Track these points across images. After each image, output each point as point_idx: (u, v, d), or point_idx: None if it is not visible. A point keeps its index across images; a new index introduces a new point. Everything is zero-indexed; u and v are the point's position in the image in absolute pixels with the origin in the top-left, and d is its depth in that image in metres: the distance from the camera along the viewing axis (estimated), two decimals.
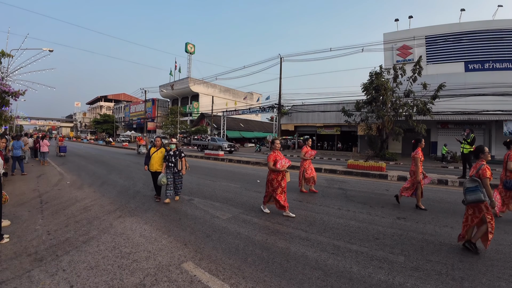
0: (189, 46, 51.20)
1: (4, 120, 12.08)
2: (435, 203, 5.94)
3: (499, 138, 20.10)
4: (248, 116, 46.00)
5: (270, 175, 4.78)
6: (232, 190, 7.02)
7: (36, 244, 3.41)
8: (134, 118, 59.67)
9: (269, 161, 4.73)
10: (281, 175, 4.72)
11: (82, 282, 2.54)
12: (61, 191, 6.73)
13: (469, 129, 8.72)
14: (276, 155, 4.80)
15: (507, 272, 2.82)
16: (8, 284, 2.48)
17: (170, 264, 2.94)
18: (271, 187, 4.75)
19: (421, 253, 3.28)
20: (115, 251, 3.23)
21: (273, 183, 4.72)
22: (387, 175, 9.76)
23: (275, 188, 4.70)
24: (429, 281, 2.63)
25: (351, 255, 3.20)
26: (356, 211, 5.17)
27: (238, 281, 2.60)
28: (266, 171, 11.45)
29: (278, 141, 4.98)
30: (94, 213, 4.80)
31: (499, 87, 17.90)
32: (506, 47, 20.42)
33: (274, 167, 4.63)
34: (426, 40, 23.21)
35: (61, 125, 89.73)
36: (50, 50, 12.16)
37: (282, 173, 4.72)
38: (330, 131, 28.49)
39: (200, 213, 4.91)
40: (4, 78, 10.52)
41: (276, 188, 4.70)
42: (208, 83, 49.78)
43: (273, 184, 4.72)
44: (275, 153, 4.83)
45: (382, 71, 19.29)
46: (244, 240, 3.65)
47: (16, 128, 46.55)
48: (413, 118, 17.79)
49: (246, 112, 34.81)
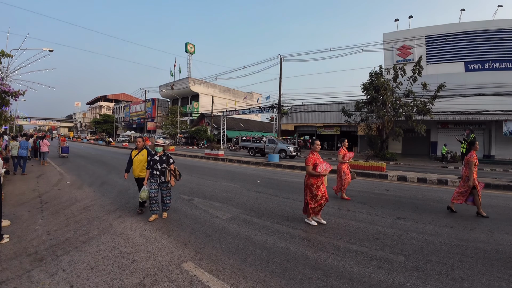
0: (189, 46, 51.21)
1: (4, 120, 12.09)
2: (435, 203, 5.93)
3: (499, 138, 20.13)
4: (248, 116, 46.01)
5: (309, 180, 4.27)
6: (232, 190, 7.02)
7: (36, 244, 3.41)
8: (134, 118, 59.68)
9: (308, 165, 4.23)
10: (320, 180, 4.29)
11: (82, 282, 2.54)
12: (61, 191, 6.73)
13: (469, 129, 8.71)
14: (316, 157, 4.30)
15: (507, 272, 2.82)
16: (8, 284, 2.48)
17: (170, 264, 2.94)
18: (310, 194, 4.27)
19: (421, 253, 3.28)
20: (115, 251, 3.23)
21: (312, 189, 4.24)
22: (387, 175, 9.76)
23: (315, 195, 4.24)
24: (429, 281, 2.63)
25: (351, 255, 3.20)
26: (356, 211, 5.17)
27: (238, 281, 2.60)
28: (266, 171, 11.52)
29: (319, 142, 4.50)
30: (94, 213, 4.80)
31: (499, 87, 17.91)
32: (506, 47, 20.43)
33: (314, 171, 4.17)
34: (426, 40, 23.21)
35: (60, 125, 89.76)
36: (50, 50, 12.17)
37: (321, 177, 4.29)
38: (330, 131, 28.51)
39: (200, 213, 4.91)
40: (4, 78, 10.52)
41: (317, 196, 4.24)
42: (208, 83, 49.78)
43: (312, 191, 4.25)
44: (315, 155, 4.32)
45: (382, 71, 19.30)
46: (244, 240, 3.65)
47: (16, 128, 46.54)
48: (413, 118, 17.79)
49: (246, 112, 34.84)
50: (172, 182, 4.53)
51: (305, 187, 4.39)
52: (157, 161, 4.47)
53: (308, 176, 4.32)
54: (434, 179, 8.87)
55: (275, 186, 7.76)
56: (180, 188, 7.20)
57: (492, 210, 5.34)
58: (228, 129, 38.03)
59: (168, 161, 4.54)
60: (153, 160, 4.49)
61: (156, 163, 4.45)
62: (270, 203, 5.76)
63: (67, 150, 16.58)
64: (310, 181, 4.26)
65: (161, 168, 4.44)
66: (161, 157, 4.51)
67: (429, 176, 9.47)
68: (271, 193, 6.80)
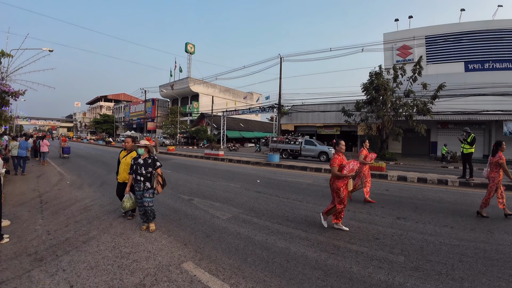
0: (189, 46, 51.20)
1: (4, 120, 12.09)
2: (435, 203, 5.93)
3: (499, 138, 20.00)
4: (248, 116, 46.03)
5: (336, 183, 4.04)
6: (232, 190, 7.02)
7: (36, 244, 3.41)
8: (134, 118, 59.66)
9: (334, 166, 3.99)
10: (345, 182, 4.09)
11: (82, 282, 2.54)
12: (61, 191, 6.73)
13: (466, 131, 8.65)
14: (341, 158, 4.09)
15: (507, 272, 2.82)
16: (8, 284, 2.48)
17: (170, 264, 2.94)
18: (339, 198, 4.03)
19: (421, 253, 3.28)
20: (115, 251, 3.23)
21: (339, 193, 4.02)
22: (387, 175, 9.76)
23: (343, 199, 4.03)
24: (429, 281, 2.63)
25: (351, 255, 3.20)
26: (356, 211, 5.17)
27: (238, 281, 2.60)
28: (266, 171, 11.52)
29: (344, 142, 4.27)
30: (94, 213, 4.80)
31: (499, 87, 17.90)
32: (506, 47, 20.42)
33: (340, 173, 3.95)
34: (426, 40, 23.20)
35: (60, 125, 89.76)
36: (50, 50, 12.16)
37: (347, 179, 4.09)
38: (330, 131, 28.48)
39: (200, 213, 4.91)
40: (4, 78, 10.52)
41: (344, 199, 4.04)
42: (208, 83, 49.78)
43: (339, 194, 4.02)
44: (340, 156, 4.11)
45: (382, 71, 19.29)
46: (244, 240, 3.65)
47: (16, 128, 46.54)
48: (413, 118, 17.79)
49: (246, 112, 34.83)
50: (159, 188, 3.97)
51: (331, 191, 4.18)
52: (140, 164, 3.91)
53: (334, 179, 4.08)
54: (434, 179, 8.87)
55: (275, 186, 7.76)
56: (180, 188, 7.21)
57: (492, 210, 5.34)
58: (228, 129, 38.03)
59: (155, 164, 3.98)
60: (136, 163, 3.94)
61: (139, 167, 3.90)
62: (270, 203, 5.76)
63: (68, 150, 16.23)
64: (337, 184, 4.04)
65: (146, 172, 3.88)
66: (145, 160, 3.96)
67: (429, 176, 9.47)
68: (271, 193, 6.79)
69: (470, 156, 8.57)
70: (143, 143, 4.00)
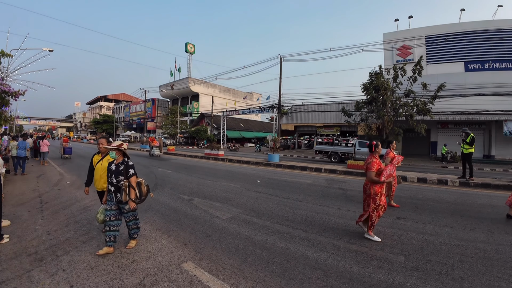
0: (189, 46, 51.20)
1: (4, 120, 12.09)
2: (435, 203, 5.93)
3: (499, 138, 20.12)
4: (248, 116, 46.00)
5: (373, 189, 3.69)
6: (232, 190, 7.01)
7: (36, 244, 3.41)
8: (134, 118, 59.67)
9: (372, 171, 3.67)
10: (383, 187, 3.80)
11: (82, 282, 2.54)
12: (61, 191, 6.73)
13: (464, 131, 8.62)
14: (379, 162, 3.80)
15: (507, 272, 2.82)
16: (8, 284, 2.48)
17: (170, 264, 2.94)
18: (374, 204, 3.69)
19: (421, 253, 3.28)
20: (115, 251, 3.23)
21: (376, 199, 3.68)
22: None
23: (378, 206, 3.70)
24: (429, 281, 2.63)
25: (351, 255, 3.20)
26: (356, 211, 5.17)
27: (238, 281, 2.60)
28: (266, 171, 11.53)
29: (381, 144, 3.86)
30: (94, 213, 4.79)
31: (499, 87, 17.90)
32: (506, 47, 20.42)
33: (377, 178, 3.63)
34: (426, 40, 23.20)
35: (60, 125, 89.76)
36: (50, 50, 12.16)
37: (384, 184, 3.79)
38: (330, 131, 28.49)
39: (200, 213, 4.91)
40: (4, 78, 10.52)
41: (379, 205, 3.70)
42: (208, 83, 49.78)
43: (376, 201, 3.68)
44: (378, 159, 3.82)
45: (382, 71, 19.28)
46: (244, 240, 3.65)
47: (16, 128, 46.54)
48: (413, 118, 17.79)
49: (246, 112, 34.82)
50: (130, 204, 3.17)
51: (366, 196, 3.80)
52: (112, 171, 3.22)
53: (371, 184, 3.73)
54: (434, 179, 8.87)
55: (275, 186, 7.76)
56: (180, 188, 7.21)
57: (492, 210, 5.34)
58: (228, 129, 38.02)
59: (127, 172, 3.21)
60: (108, 170, 3.29)
61: (110, 174, 3.22)
62: (270, 203, 5.76)
63: (70, 151, 15.78)
64: (374, 189, 3.68)
65: (116, 182, 3.17)
66: (117, 166, 3.24)
67: (429, 176, 9.47)
68: (271, 193, 6.79)
69: (470, 156, 8.56)
70: (115, 145, 3.31)
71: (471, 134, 8.41)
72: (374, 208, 3.69)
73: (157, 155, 17.98)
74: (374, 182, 3.68)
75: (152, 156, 17.74)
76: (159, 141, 19.21)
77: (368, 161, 3.81)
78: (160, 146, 18.91)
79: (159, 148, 18.38)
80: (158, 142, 18.76)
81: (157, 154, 18.05)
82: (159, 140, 19.46)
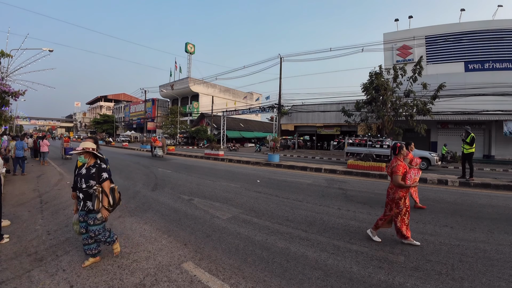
0: (189, 46, 51.20)
1: (4, 120, 12.09)
2: (435, 203, 5.93)
3: (499, 138, 20.12)
4: (248, 116, 46.00)
5: (397, 193, 3.55)
6: (232, 190, 7.01)
7: (36, 244, 3.41)
8: (134, 118, 59.68)
9: (398, 174, 3.51)
10: (408, 192, 3.66)
11: (82, 282, 2.54)
12: (61, 191, 6.73)
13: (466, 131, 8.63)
14: (405, 165, 3.65)
15: (507, 272, 2.82)
16: (8, 284, 2.48)
17: (170, 264, 2.94)
18: (397, 209, 3.56)
19: (421, 253, 3.28)
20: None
21: (399, 204, 3.54)
22: (387, 175, 9.75)
23: (401, 211, 3.55)
24: (429, 281, 2.63)
25: (351, 255, 3.20)
26: (356, 211, 5.17)
27: (238, 281, 2.60)
28: (266, 171, 11.53)
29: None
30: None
31: (499, 87, 17.90)
32: (506, 47, 20.41)
33: (403, 182, 3.51)
34: (426, 40, 23.20)
35: (60, 125, 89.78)
36: (50, 50, 12.17)
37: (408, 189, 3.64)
38: (330, 131, 28.50)
39: (200, 213, 4.91)
40: (4, 78, 10.52)
41: (402, 211, 3.56)
42: (208, 83, 49.78)
43: (399, 205, 3.54)
44: (403, 162, 3.67)
45: (382, 71, 19.29)
46: (244, 240, 3.65)
47: (16, 128, 46.55)
48: (414, 118, 17.79)
49: (246, 112, 34.81)
50: (103, 212, 2.84)
51: (389, 201, 3.64)
52: (82, 175, 2.84)
53: (396, 188, 3.57)
54: (434, 179, 8.87)
55: (275, 186, 7.76)
56: (180, 188, 7.21)
57: (492, 210, 5.34)
58: (228, 129, 38.01)
59: (100, 176, 2.85)
60: (77, 174, 2.92)
61: (80, 179, 2.83)
62: (270, 203, 5.76)
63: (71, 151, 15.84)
64: (399, 194, 3.54)
65: (86, 187, 2.79)
66: (88, 169, 2.86)
67: (429, 176, 9.47)
68: (271, 193, 6.79)
69: (471, 156, 8.56)
70: (81, 148, 2.86)
71: (471, 134, 8.40)
72: (398, 213, 3.57)
73: (160, 155, 17.63)
74: (400, 187, 3.53)
75: (155, 157, 17.41)
76: (162, 141, 18.45)
77: (393, 164, 3.65)
78: (163, 146, 18.33)
79: (162, 149, 17.91)
80: (161, 142, 18.19)
81: (160, 155, 17.71)
82: (162, 141, 18.69)
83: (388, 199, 3.68)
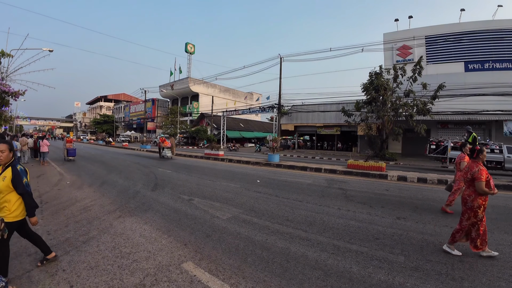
0: (189, 46, 51.21)
1: (4, 120, 12.10)
2: (435, 203, 5.94)
3: (499, 138, 20.10)
4: (248, 116, 46.02)
5: (476, 201, 3.25)
6: (232, 190, 7.01)
7: None
8: (134, 118, 59.69)
9: (482, 180, 3.19)
10: (487, 200, 3.33)
11: (82, 282, 2.54)
12: (61, 191, 6.73)
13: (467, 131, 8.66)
14: (485, 169, 3.33)
15: (507, 272, 2.82)
16: (8, 284, 2.48)
17: (170, 264, 2.94)
18: (475, 219, 3.26)
19: (421, 253, 3.29)
20: (115, 251, 3.23)
21: (478, 213, 3.25)
22: (387, 175, 9.76)
23: (480, 220, 3.26)
24: (429, 281, 2.63)
25: (351, 255, 3.20)
26: (356, 211, 5.17)
27: (238, 281, 2.60)
28: (266, 171, 11.53)
29: None
30: (94, 213, 4.80)
31: (499, 87, 17.91)
32: (506, 47, 20.43)
33: (487, 189, 3.21)
34: (426, 40, 23.22)
35: (60, 125, 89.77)
36: (50, 50, 12.19)
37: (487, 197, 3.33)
38: (330, 131, 28.50)
39: (200, 213, 4.91)
40: (4, 78, 10.53)
41: (481, 219, 3.27)
42: (208, 83, 49.80)
43: (477, 215, 3.25)
44: (484, 167, 3.35)
45: (382, 71, 19.31)
46: (244, 240, 3.65)
47: (16, 128, 46.56)
48: (413, 118, 17.80)
49: (246, 112, 34.81)
50: None
51: (467, 209, 3.32)
52: None
53: (475, 196, 3.27)
54: (434, 179, 8.87)
55: (275, 186, 7.76)
56: (180, 188, 7.21)
57: (492, 210, 5.34)
58: (228, 129, 38.02)
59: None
60: None
61: None
62: (270, 203, 5.76)
63: (73, 153, 14.43)
64: (478, 202, 3.24)
65: None
66: None
67: (429, 176, 9.47)
68: (271, 193, 6.79)
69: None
70: None
71: (473, 133, 8.42)
72: (475, 222, 3.28)
73: (168, 156, 16.34)
74: (485, 194, 3.22)
75: (162, 158, 16.31)
76: (171, 142, 16.81)
77: (473, 169, 3.32)
78: (172, 147, 16.78)
79: (171, 150, 16.59)
80: (169, 143, 16.67)
81: (169, 156, 16.39)
82: (171, 141, 17.06)
83: (465, 207, 3.36)
